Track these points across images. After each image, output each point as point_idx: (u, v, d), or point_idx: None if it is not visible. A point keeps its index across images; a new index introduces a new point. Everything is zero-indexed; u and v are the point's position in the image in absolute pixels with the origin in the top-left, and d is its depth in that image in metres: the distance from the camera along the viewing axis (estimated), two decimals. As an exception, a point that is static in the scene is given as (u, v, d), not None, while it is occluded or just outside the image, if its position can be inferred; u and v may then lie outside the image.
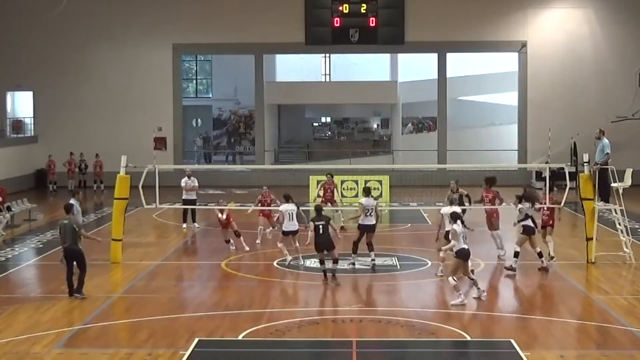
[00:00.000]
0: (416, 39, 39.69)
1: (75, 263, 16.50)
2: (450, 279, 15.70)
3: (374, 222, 19.11)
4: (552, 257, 19.40)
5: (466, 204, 20.57)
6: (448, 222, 17.31)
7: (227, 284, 17.82)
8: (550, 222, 19.70)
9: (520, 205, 18.79)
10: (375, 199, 22.57)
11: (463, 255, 15.76)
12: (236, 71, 48.57)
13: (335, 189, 25.13)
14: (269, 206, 22.24)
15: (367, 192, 19.64)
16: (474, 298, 15.98)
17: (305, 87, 45.71)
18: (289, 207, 19.47)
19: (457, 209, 17.70)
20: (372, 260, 19.17)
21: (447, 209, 17.78)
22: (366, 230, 19.10)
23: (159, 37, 39.69)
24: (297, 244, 19.26)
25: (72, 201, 19.32)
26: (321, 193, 24.91)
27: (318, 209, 17.84)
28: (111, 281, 18.41)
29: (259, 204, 22.39)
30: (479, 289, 16.01)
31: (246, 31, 39.47)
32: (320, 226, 17.32)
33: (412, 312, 15.09)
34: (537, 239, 18.85)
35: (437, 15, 39.50)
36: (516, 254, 18.44)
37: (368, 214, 18.99)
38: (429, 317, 14.75)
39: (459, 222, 15.88)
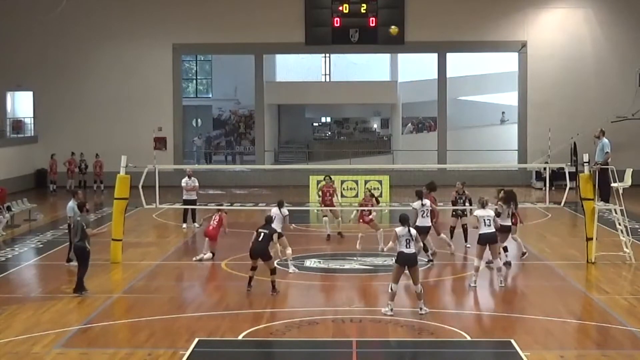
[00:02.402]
0: (416, 39, 39.63)
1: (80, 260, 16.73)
2: (390, 285, 15.06)
3: (489, 231, 17.31)
4: (524, 253, 19.91)
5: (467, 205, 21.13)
6: (484, 225, 17.16)
7: (227, 284, 17.81)
8: (514, 221, 19.54)
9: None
10: (375, 197, 22.50)
11: (401, 260, 15.08)
12: (236, 71, 48.50)
13: (335, 193, 24.01)
14: (370, 211, 21.56)
15: (483, 204, 17.68)
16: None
17: (305, 87, 45.63)
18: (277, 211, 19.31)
19: (491, 212, 17.39)
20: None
21: (481, 212, 17.34)
22: (484, 241, 17.39)
23: (159, 37, 39.63)
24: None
25: (71, 203, 19.34)
26: (319, 197, 24.12)
27: (268, 220, 17.44)
28: (111, 281, 18.40)
29: (361, 206, 21.82)
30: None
31: (246, 31, 39.42)
32: (262, 233, 16.80)
33: (412, 312, 15.07)
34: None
35: (437, 15, 39.46)
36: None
37: (485, 225, 17.35)
38: (429, 317, 14.73)
39: (406, 226, 15.05)
